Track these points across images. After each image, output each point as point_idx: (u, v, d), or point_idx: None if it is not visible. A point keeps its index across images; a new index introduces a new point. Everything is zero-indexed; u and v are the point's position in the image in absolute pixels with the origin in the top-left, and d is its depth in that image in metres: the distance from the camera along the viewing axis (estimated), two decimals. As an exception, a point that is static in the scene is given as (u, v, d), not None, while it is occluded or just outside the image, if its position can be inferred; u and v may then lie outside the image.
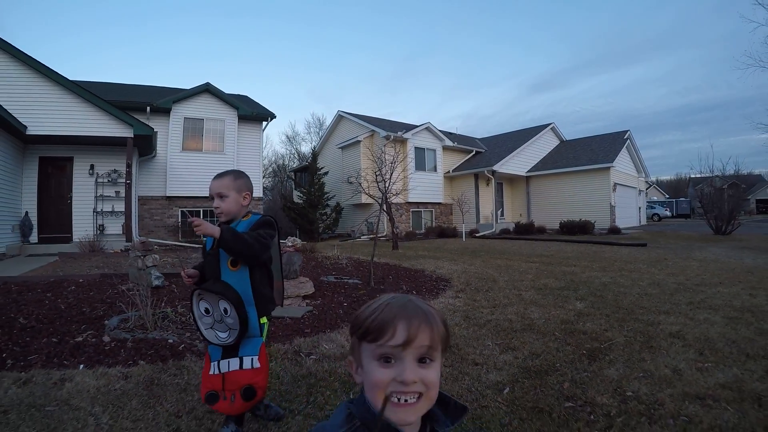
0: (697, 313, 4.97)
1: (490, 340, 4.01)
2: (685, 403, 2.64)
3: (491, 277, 7.84)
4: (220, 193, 2.33)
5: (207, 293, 2.22)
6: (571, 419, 2.49)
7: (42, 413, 2.55)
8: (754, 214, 62.67)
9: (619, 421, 2.43)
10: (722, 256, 10.98)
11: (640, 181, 30.55)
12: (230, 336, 2.20)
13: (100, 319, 4.66)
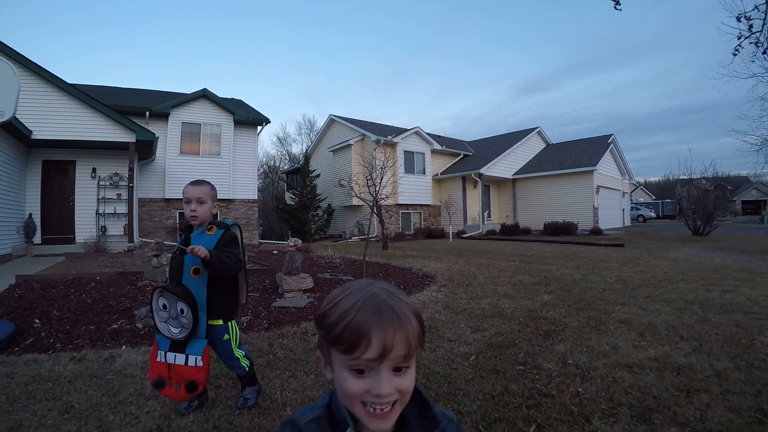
0: (650, 304, 5.68)
1: (464, 324, 4.76)
2: (615, 370, 3.35)
3: (472, 274, 8.57)
4: (200, 199, 2.58)
5: (167, 293, 2.51)
6: (520, 377, 3.21)
7: (103, 380, 3.20)
8: (739, 215, 63.77)
9: (557, 379, 3.16)
10: (693, 256, 11.74)
11: (624, 183, 31.45)
12: (181, 333, 2.50)
13: (127, 310, 5.32)
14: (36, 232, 13.86)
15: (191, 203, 2.56)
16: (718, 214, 23.46)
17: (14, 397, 2.86)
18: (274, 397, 2.93)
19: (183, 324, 2.49)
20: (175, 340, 2.52)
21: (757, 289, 6.61)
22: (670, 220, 46.49)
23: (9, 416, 2.59)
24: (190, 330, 2.48)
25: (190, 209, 2.56)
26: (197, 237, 2.60)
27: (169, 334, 2.52)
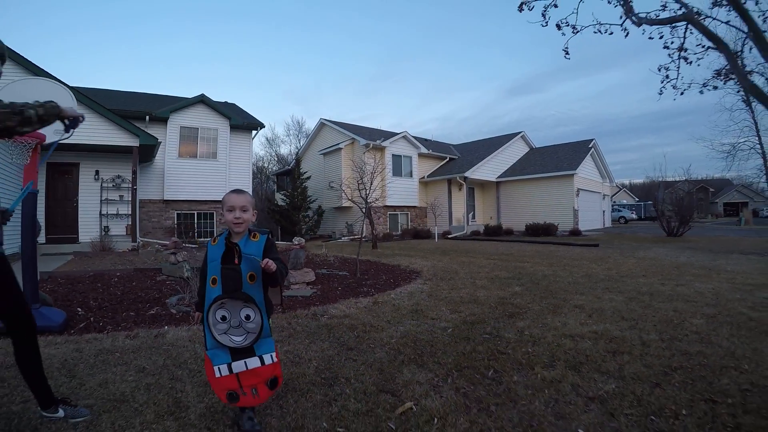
0: (605, 294, 6.61)
1: (444, 307, 5.72)
2: (561, 338, 4.29)
3: (454, 270, 9.52)
4: (244, 207, 2.58)
5: (231, 301, 2.50)
6: (485, 342, 4.17)
7: (161, 350, 4.02)
8: (721, 216, 65.32)
9: (514, 344, 4.11)
10: (661, 255, 12.76)
11: (605, 186, 32.58)
12: (246, 339, 2.51)
13: (157, 300, 6.17)
14: (41, 232, 14.50)
15: (235, 211, 2.56)
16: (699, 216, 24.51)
17: (91, 364, 3.60)
18: (302, 355, 3.83)
19: (249, 329, 2.51)
20: (239, 349, 2.53)
21: (708, 284, 7.50)
22: (652, 221, 47.72)
23: (94, 377, 3.33)
24: (257, 334, 2.52)
25: (234, 216, 2.56)
26: (246, 245, 2.60)
27: (233, 344, 2.52)
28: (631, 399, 2.91)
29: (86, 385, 3.14)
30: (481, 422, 2.60)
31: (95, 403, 2.82)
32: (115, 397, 2.93)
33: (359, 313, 5.47)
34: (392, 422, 2.59)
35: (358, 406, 2.80)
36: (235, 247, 2.58)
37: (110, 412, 2.71)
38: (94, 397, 2.93)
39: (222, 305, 2.51)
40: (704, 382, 3.18)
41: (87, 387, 3.10)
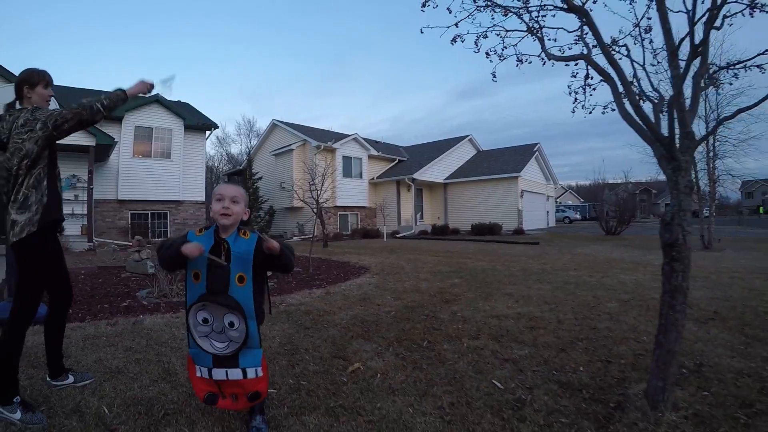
0: (535, 284, 7.44)
1: (389, 296, 6.46)
2: (488, 318, 5.07)
3: (401, 266, 10.28)
4: (234, 198, 2.37)
5: (213, 305, 2.27)
6: (422, 321, 4.91)
7: (142, 334, 4.53)
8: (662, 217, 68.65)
9: (446, 322, 4.87)
10: (597, 252, 13.84)
11: (549, 188, 34.10)
12: (229, 347, 2.30)
13: (127, 294, 6.62)
14: None
15: (224, 200, 2.35)
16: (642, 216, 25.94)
17: (81, 347, 4.05)
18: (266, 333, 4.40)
19: (232, 338, 2.31)
20: (221, 356, 2.34)
21: (632, 275, 8.40)
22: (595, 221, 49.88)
23: (87, 356, 3.81)
24: (240, 343, 2.31)
25: (222, 206, 2.34)
26: (236, 242, 2.36)
27: (213, 350, 2.33)
28: (539, 360, 3.67)
29: (82, 362, 3.64)
30: (414, 376, 3.32)
31: (95, 375, 3.33)
32: (111, 369, 3.47)
33: (313, 302, 6.13)
34: (344, 377, 3.29)
35: (317, 368, 3.48)
36: (223, 243, 2.35)
37: (110, 380, 3.25)
38: (93, 370, 3.43)
39: (203, 306, 2.31)
40: (605, 349, 3.95)
41: (83, 363, 3.60)
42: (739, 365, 3.48)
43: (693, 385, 3.07)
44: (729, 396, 2.90)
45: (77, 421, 2.59)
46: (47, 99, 2.98)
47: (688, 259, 2.62)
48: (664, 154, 2.73)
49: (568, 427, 2.53)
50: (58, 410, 2.72)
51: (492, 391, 3.02)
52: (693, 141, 2.72)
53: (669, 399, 2.62)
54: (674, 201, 2.65)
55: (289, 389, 3.08)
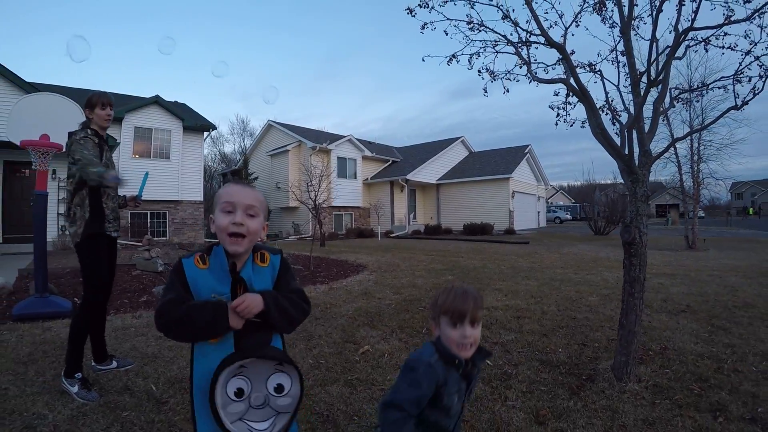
0: (523, 280, 7.99)
1: (388, 291, 6.99)
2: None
3: (396, 264, 10.81)
4: (251, 208, 1.59)
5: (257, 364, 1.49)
6: (420, 313, 5.45)
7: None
8: (652, 217, 69.26)
9: (443, 315, 5.39)
10: (585, 251, 14.40)
11: (540, 188, 34.68)
12: (275, 426, 1.52)
13: (143, 290, 7.09)
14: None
15: (235, 212, 1.56)
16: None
17: (114, 337, 4.46)
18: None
19: (280, 408, 1.54)
20: None
21: (615, 273, 8.87)
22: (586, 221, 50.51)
23: (123, 344, 4.27)
24: (291, 415, 1.55)
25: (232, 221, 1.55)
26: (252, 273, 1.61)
27: None
28: (523, 343, 4.21)
29: (119, 350, 4.10)
30: (415, 357, 3.85)
31: (134, 360, 3.79)
32: (147, 355, 3.95)
33: (319, 296, 6.65)
34: (357, 357, 3.81)
35: (331, 350, 4.00)
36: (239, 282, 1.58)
37: (149, 364, 3.71)
38: (131, 356, 3.90)
39: (238, 371, 1.47)
40: (582, 335, 4.50)
41: (120, 351, 4.06)
42: (701, 349, 3.98)
43: (656, 364, 3.60)
44: (687, 373, 3.41)
45: (129, 397, 3.07)
46: (105, 119, 3.48)
47: (644, 255, 3.16)
48: (625, 168, 3.25)
49: (547, 393, 3.06)
50: (110, 389, 3.20)
51: (483, 367, 3.54)
52: (650, 158, 3.26)
53: (632, 372, 3.17)
54: (632, 207, 3.19)
55: (310, 367, 3.59)
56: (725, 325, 4.85)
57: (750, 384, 3.22)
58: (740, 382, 3.26)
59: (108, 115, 3.51)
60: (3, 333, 4.54)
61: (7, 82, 14.01)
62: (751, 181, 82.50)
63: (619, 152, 3.29)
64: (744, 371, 3.47)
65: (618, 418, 2.72)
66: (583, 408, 2.84)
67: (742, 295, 6.54)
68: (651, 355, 3.82)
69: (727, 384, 3.22)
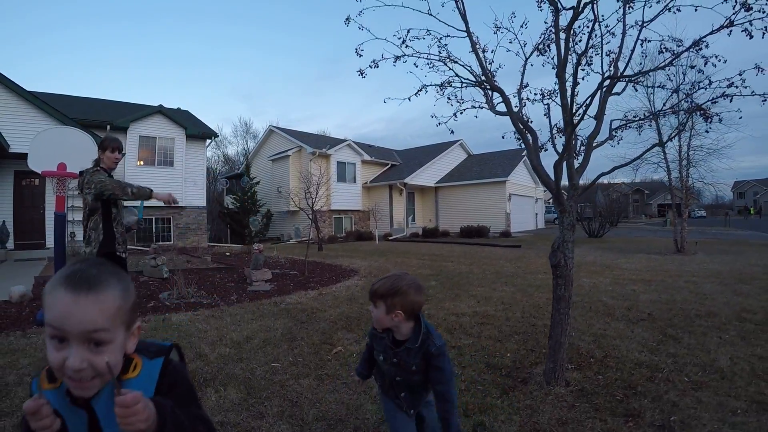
0: (501, 287, 8.54)
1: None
2: (449, 315, 6.20)
3: (387, 269, 11.38)
4: (93, 333, 0.99)
5: None
6: (396, 318, 6.05)
7: (171, 328, 5.60)
8: (654, 217, 69.55)
9: (415, 319, 6.02)
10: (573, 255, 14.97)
11: (538, 190, 35.20)
12: None
13: (150, 296, 7.70)
14: (9, 238, 15.22)
15: (70, 347, 0.99)
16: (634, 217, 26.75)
17: None
18: (271, 326, 5.58)
19: None
20: None
21: (594, 279, 9.36)
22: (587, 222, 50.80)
23: None
24: None
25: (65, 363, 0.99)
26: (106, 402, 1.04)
27: None
28: (477, 348, 4.80)
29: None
30: (381, 357, 4.49)
31: None
32: (152, 352, 4.62)
33: (308, 301, 7.28)
34: (329, 356, 4.46)
35: (310, 350, 4.65)
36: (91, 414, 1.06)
37: None
38: None
39: None
40: (534, 341, 5.02)
41: None
42: (643, 358, 4.37)
43: (592, 371, 4.05)
44: (618, 380, 3.82)
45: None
46: (114, 161, 4.17)
47: (569, 276, 3.72)
48: (555, 199, 3.85)
49: (481, 392, 3.63)
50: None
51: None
52: (577, 191, 3.85)
53: (560, 377, 3.70)
54: (560, 235, 3.76)
55: (289, 363, 4.25)
56: (678, 335, 5.12)
57: (675, 393, 3.49)
58: (667, 391, 3.54)
59: (117, 158, 4.19)
60: (30, 336, 5.20)
61: (7, 90, 14.66)
62: (754, 180, 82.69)
63: (549, 185, 3.85)
64: (675, 381, 3.74)
65: (536, 416, 3.17)
66: (508, 406, 3.33)
67: (710, 304, 6.79)
68: (591, 362, 4.25)
69: (653, 392, 3.52)
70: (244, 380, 3.81)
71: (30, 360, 4.35)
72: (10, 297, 7.14)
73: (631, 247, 18.46)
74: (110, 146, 4.23)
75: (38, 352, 4.60)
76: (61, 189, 6.27)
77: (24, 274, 10.58)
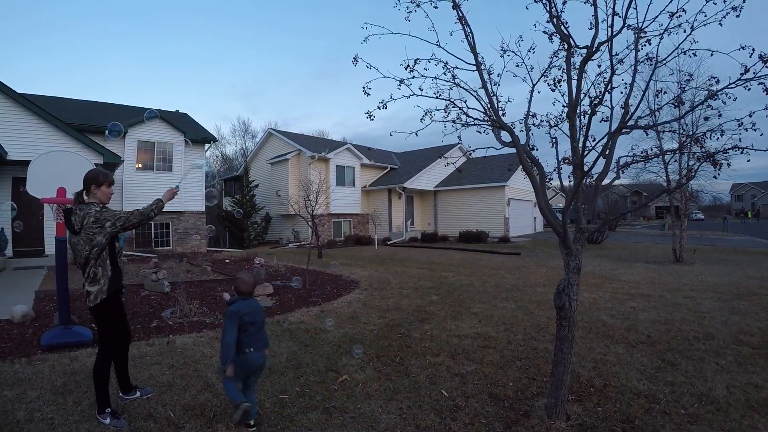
0: (502, 303, 8.60)
1: (374, 314, 7.68)
2: (451, 337, 6.26)
3: (387, 280, 11.54)
4: None
5: None
6: (398, 340, 6.13)
7: (176, 353, 5.64)
8: (652, 219, 69.73)
9: (417, 341, 6.08)
10: (569, 263, 15.03)
11: (536, 194, 35.23)
12: None
13: (152, 314, 7.70)
14: (7, 246, 15.32)
15: None
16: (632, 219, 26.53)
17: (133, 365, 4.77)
18: (275, 350, 5.59)
19: None
20: None
21: (593, 294, 9.34)
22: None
23: (141, 373, 4.89)
24: None
25: None
26: None
27: None
28: (480, 375, 4.88)
29: (139, 378, 4.74)
30: (386, 386, 4.55)
31: (153, 388, 4.44)
32: (163, 383, 4.62)
33: (311, 320, 7.34)
34: (335, 386, 4.53)
35: (315, 379, 4.72)
36: None
37: (166, 392, 4.39)
38: (149, 385, 4.56)
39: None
40: (535, 368, 5.09)
41: (140, 379, 4.72)
42: (641, 387, 4.46)
43: (592, 402, 4.13)
44: (617, 412, 3.90)
45: (153, 423, 3.77)
46: (109, 196, 4.04)
47: (573, 318, 3.76)
48: (561, 242, 3.88)
49: (485, 426, 3.72)
50: (137, 416, 3.89)
51: (439, 398, 4.25)
52: (584, 234, 3.89)
53: (561, 412, 3.76)
54: (565, 278, 3.79)
55: (296, 395, 4.31)
56: (676, 360, 5.21)
57: (671, 428, 3.61)
58: (663, 425, 3.64)
59: (111, 193, 4.06)
60: (36, 363, 5.20)
61: (3, 96, 14.72)
62: (752, 183, 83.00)
63: (556, 228, 3.85)
64: (672, 414, 3.84)
65: (538, 452, 3.24)
66: (512, 441, 3.42)
67: (707, 324, 6.91)
68: (592, 392, 4.32)
69: (650, 426, 3.63)
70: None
71: (39, 392, 4.36)
72: (12, 317, 7.12)
73: (630, 255, 18.57)
74: (107, 181, 4.00)
75: (47, 382, 4.62)
76: (61, 215, 6.27)
77: (24, 286, 10.61)
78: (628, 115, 3.78)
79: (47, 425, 3.70)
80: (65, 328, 6.01)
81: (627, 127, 3.83)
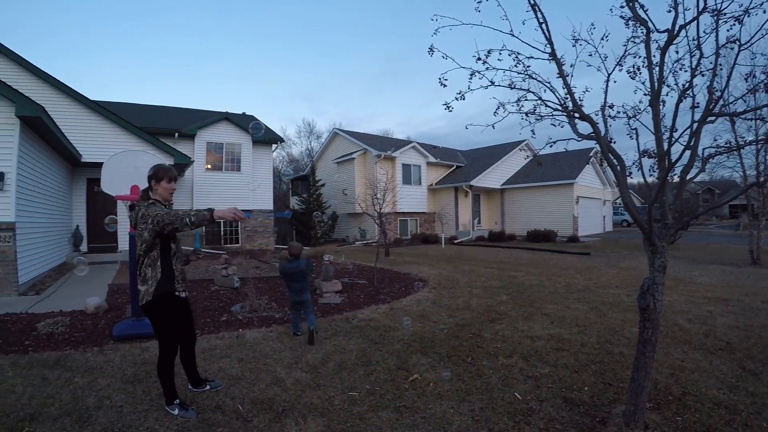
0: (574, 304, 8.29)
1: (444, 313, 7.53)
2: (524, 339, 6.05)
3: (456, 278, 11.34)
4: None
5: None
6: (469, 339, 5.98)
7: (246, 346, 5.72)
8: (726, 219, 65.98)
9: (488, 341, 5.89)
10: (644, 265, 14.01)
11: (606, 192, 33.95)
12: None
13: (222, 308, 7.87)
14: (83, 242, 16.08)
15: None
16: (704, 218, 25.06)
17: (203, 358, 5.18)
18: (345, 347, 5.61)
19: None
20: None
21: (667, 297, 8.71)
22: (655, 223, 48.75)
23: (211, 366, 4.99)
24: None
25: None
26: None
27: None
28: (555, 378, 4.66)
29: (208, 370, 4.83)
30: (457, 387, 4.41)
31: (222, 381, 4.49)
32: (232, 376, 4.67)
33: (380, 318, 7.28)
34: (406, 385, 4.43)
35: (386, 377, 4.63)
36: None
37: (235, 385, 4.43)
38: (219, 377, 4.62)
39: None
40: (611, 373, 4.83)
41: (210, 372, 4.79)
42: (722, 397, 4.17)
43: (671, 411, 3.87)
44: (697, 423, 3.65)
45: (221, 415, 3.80)
46: (170, 191, 3.93)
47: (657, 320, 3.52)
48: (646, 238, 3.60)
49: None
50: (206, 408, 3.93)
51: (513, 401, 4.07)
52: (669, 230, 3.60)
53: (640, 420, 3.54)
54: (650, 276, 3.54)
55: (367, 393, 4.24)
56: (757, 369, 4.87)
57: None
58: None
59: (173, 189, 3.94)
60: (107, 352, 5.37)
61: (77, 102, 15.36)
62: None
63: (641, 224, 3.61)
64: (754, 426, 3.60)
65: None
66: (589, 449, 3.23)
67: None
68: (670, 400, 4.07)
69: None
70: (323, 411, 3.82)
71: (110, 381, 4.47)
72: (86, 308, 7.40)
73: (704, 256, 17.54)
74: (166, 176, 3.86)
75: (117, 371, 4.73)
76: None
77: (98, 278, 11.13)
78: (713, 102, 3.48)
79: (116, 413, 3.78)
80: (137, 320, 6.17)
81: (713, 114, 3.51)
